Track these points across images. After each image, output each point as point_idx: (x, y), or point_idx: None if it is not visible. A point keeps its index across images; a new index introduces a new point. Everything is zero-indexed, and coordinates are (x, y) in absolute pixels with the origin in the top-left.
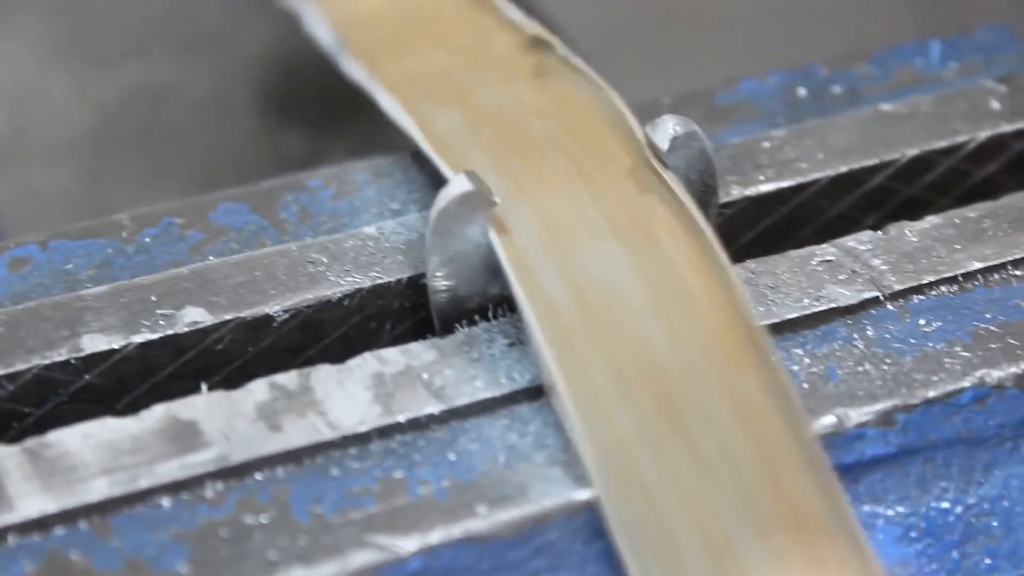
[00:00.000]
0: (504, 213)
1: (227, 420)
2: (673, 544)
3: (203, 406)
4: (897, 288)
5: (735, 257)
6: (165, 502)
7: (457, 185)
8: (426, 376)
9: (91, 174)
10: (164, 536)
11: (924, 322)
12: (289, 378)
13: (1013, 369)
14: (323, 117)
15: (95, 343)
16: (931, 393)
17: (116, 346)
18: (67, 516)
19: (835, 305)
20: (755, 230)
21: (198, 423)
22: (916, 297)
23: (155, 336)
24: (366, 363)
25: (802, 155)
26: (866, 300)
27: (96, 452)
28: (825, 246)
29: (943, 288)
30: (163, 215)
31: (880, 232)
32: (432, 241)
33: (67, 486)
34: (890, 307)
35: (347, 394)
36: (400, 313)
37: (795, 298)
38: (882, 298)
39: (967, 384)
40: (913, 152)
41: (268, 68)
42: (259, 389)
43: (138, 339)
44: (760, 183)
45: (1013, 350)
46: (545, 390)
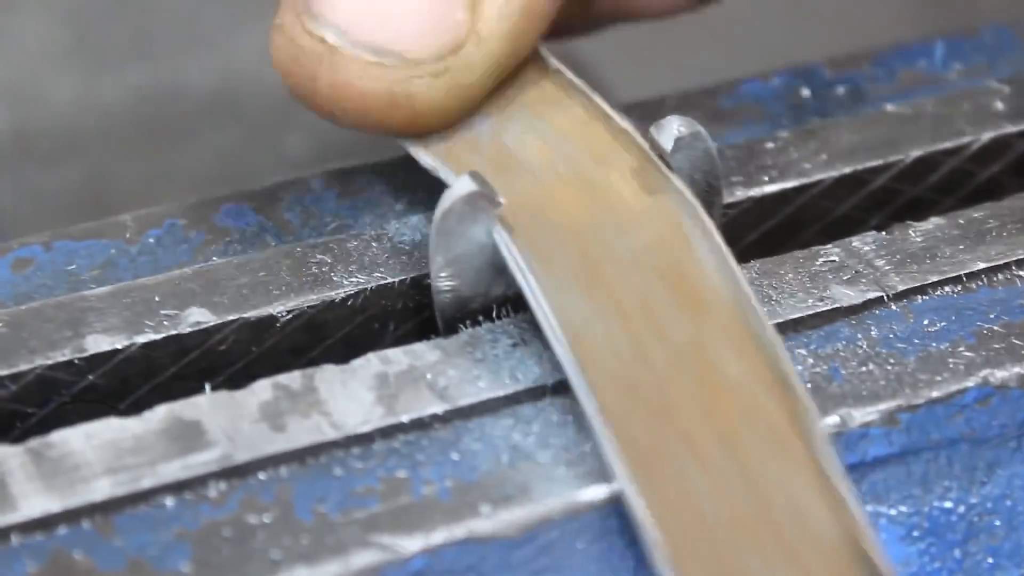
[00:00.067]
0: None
1: (230, 420)
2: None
3: (206, 406)
4: (901, 288)
5: (739, 257)
6: (168, 502)
7: (462, 185)
8: (430, 376)
9: (94, 175)
10: (167, 536)
11: (928, 322)
12: (293, 378)
13: (1017, 369)
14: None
15: (98, 343)
16: (935, 393)
17: (119, 346)
18: (70, 516)
19: (839, 305)
20: (759, 230)
21: (201, 423)
22: (920, 297)
23: (158, 336)
24: (370, 363)
25: (806, 156)
26: (870, 300)
27: (99, 452)
28: (829, 246)
29: (947, 288)
30: (166, 216)
31: (884, 233)
32: (436, 241)
33: (70, 486)
34: (894, 307)
35: (351, 394)
36: (404, 314)
37: (799, 298)
38: (886, 298)
39: (971, 384)
40: (917, 153)
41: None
42: (263, 389)
43: (141, 339)
44: (764, 184)
45: (1017, 350)
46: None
